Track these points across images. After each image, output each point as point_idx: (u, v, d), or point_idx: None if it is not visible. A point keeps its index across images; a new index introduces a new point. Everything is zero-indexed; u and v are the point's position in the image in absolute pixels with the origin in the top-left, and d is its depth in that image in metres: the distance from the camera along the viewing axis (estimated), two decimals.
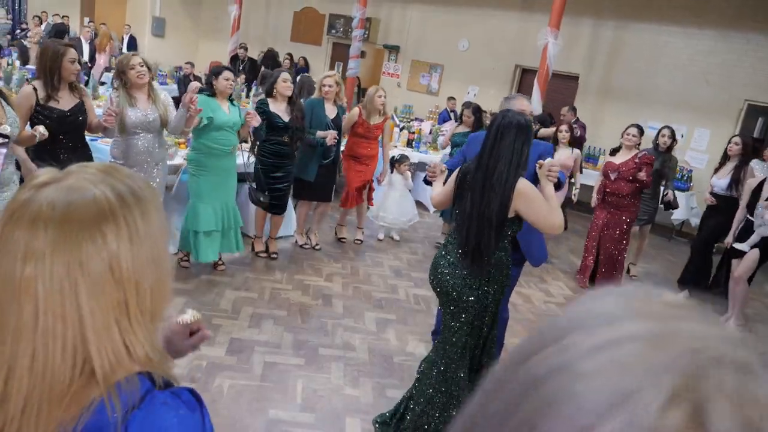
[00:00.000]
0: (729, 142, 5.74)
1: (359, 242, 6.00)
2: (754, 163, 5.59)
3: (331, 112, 5.18)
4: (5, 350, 0.72)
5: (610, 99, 9.40)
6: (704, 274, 5.98)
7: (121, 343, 0.76)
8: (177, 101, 7.28)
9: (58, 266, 0.72)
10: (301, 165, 5.16)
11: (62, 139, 3.73)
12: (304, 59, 12.96)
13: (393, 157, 6.19)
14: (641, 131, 5.61)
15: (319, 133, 4.99)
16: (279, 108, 4.75)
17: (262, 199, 4.77)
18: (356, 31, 11.20)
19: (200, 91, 4.34)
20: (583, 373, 0.36)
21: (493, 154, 2.62)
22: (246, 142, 5.27)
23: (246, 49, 12.46)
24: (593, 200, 5.83)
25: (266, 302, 4.39)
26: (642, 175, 5.31)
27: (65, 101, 3.73)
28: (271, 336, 3.88)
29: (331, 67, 13.48)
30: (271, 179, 4.87)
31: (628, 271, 6.38)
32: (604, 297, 0.43)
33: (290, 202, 6.01)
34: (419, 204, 7.12)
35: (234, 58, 12.39)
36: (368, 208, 6.06)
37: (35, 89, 3.65)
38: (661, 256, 7.46)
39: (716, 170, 5.84)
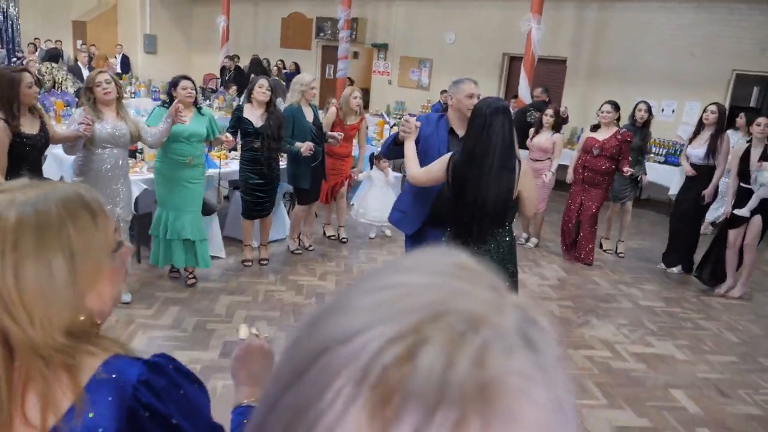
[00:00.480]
0: (705, 111, 5.73)
1: (345, 240, 6.04)
2: (730, 133, 5.61)
3: (309, 114, 5.21)
4: None
5: (599, 80, 9.41)
6: (693, 246, 5.94)
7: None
8: None
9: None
10: (294, 174, 5.18)
11: (25, 162, 3.62)
12: (296, 64, 13.05)
13: (372, 153, 6.22)
14: (617, 107, 5.70)
15: (297, 144, 4.93)
16: (254, 114, 4.75)
17: (213, 206, 4.88)
18: (342, 32, 11.28)
19: (162, 104, 4.37)
20: (348, 308, 0.39)
21: (491, 141, 2.74)
22: (236, 149, 5.37)
23: (233, 59, 12.57)
24: (569, 176, 5.94)
25: (260, 304, 4.47)
26: (626, 169, 5.62)
27: (29, 125, 3.66)
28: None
29: (322, 70, 13.58)
30: (250, 186, 4.90)
31: (617, 249, 6.42)
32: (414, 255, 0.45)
33: (283, 208, 6.10)
34: None
35: (222, 70, 12.54)
36: (350, 204, 6.12)
37: (5, 121, 3.52)
38: (657, 232, 7.44)
39: (690, 140, 5.83)
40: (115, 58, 14.04)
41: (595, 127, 5.85)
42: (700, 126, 5.73)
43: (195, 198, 4.50)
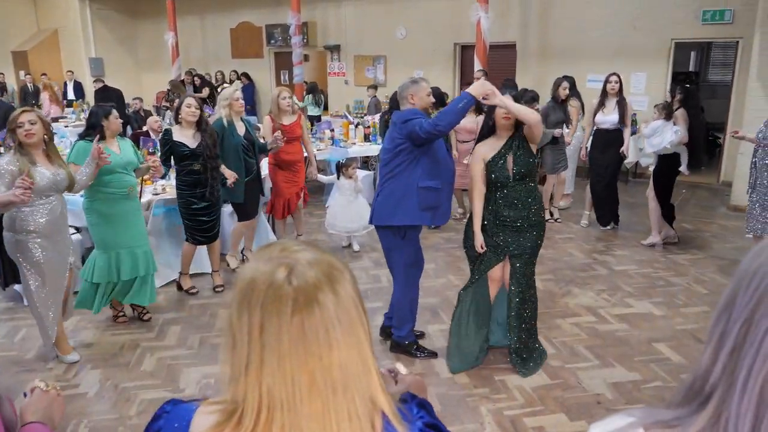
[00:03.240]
0: (608, 81, 6.22)
1: None
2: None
3: (240, 129, 5.02)
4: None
5: (550, 60, 9.74)
6: (617, 201, 6.60)
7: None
8: (134, 139, 7.37)
9: (345, 324, 0.87)
10: (227, 190, 4.96)
11: None
12: (246, 75, 13.07)
13: (339, 161, 6.11)
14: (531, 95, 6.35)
15: (223, 170, 4.78)
16: (185, 135, 4.53)
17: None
18: (295, 37, 11.36)
19: (83, 136, 4.07)
20: None
21: None
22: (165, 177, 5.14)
23: (191, 73, 12.54)
24: None
25: None
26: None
27: None
28: None
29: (277, 77, 13.61)
30: (192, 212, 4.67)
31: (552, 214, 6.89)
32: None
33: (264, 219, 6.20)
34: None
35: (180, 85, 12.44)
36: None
37: None
38: (623, 200, 7.78)
39: (597, 110, 6.28)
40: (66, 84, 13.83)
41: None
42: (605, 95, 6.24)
43: (143, 230, 4.30)
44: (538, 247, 3.65)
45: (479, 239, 3.52)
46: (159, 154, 4.65)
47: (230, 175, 4.78)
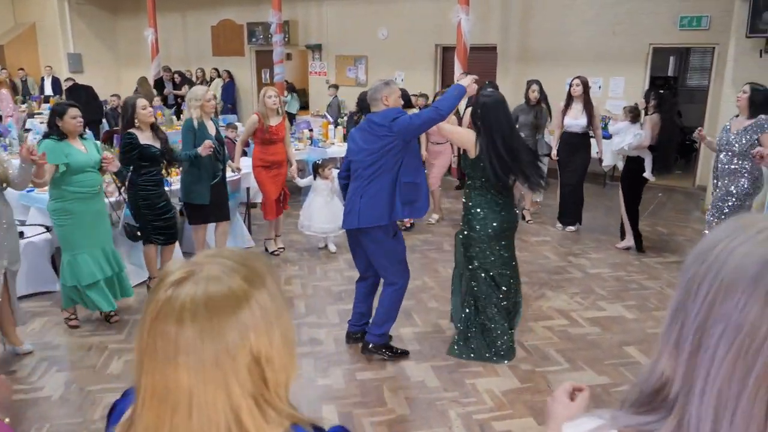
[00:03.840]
0: (571, 85, 6.30)
1: (279, 251, 5.91)
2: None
3: (211, 129, 4.98)
4: None
5: (530, 63, 9.80)
6: (582, 203, 6.73)
7: (269, 410, 0.81)
8: (109, 137, 7.23)
9: (208, 356, 0.77)
10: (189, 190, 4.93)
11: None
12: (228, 72, 12.98)
13: (315, 162, 6.08)
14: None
15: (198, 149, 4.72)
16: (146, 137, 4.49)
17: (138, 233, 4.66)
18: (276, 36, 11.29)
19: (46, 135, 4.01)
20: None
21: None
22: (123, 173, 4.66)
23: (170, 70, 12.40)
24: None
25: None
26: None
27: None
28: None
29: (258, 75, 13.52)
30: (158, 210, 4.63)
31: (524, 217, 6.99)
32: None
33: (240, 218, 6.15)
34: None
35: (159, 82, 12.33)
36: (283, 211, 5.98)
37: None
38: (600, 203, 7.90)
39: (564, 113, 6.38)
40: (43, 80, 13.62)
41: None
42: (570, 99, 6.31)
43: (109, 229, 4.30)
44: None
45: None
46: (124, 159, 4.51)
47: (205, 146, 4.65)
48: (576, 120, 6.28)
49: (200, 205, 4.97)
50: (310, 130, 8.18)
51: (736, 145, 4.69)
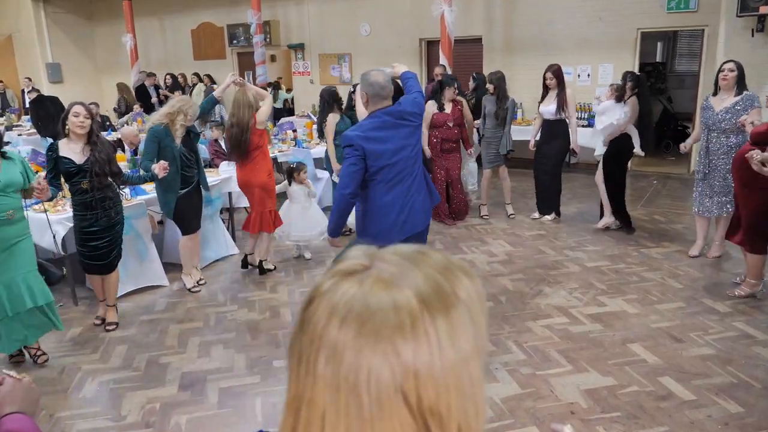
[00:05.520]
0: (545, 79, 6.27)
1: (269, 270, 5.40)
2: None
3: (178, 138, 4.64)
4: None
5: (516, 53, 9.59)
6: (560, 191, 6.67)
7: None
8: None
9: (347, 378, 0.57)
10: (163, 201, 4.70)
11: None
12: (209, 76, 12.70)
13: (290, 165, 5.70)
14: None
15: (154, 167, 4.31)
16: (73, 149, 3.95)
17: (55, 274, 4.05)
18: (256, 36, 11.05)
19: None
20: None
21: None
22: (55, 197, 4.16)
23: (151, 76, 12.09)
24: (427, 152, 6.41)
25: (213, 328, 4.31)
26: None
27: None
28: (222, 362, 3.81)
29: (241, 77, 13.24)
30: (84, 235, 4.08)
31: (508, 212, 6.86)
32: None
33: (221, 224, 5.90)
34: None
35: (140, 89, 12.01)
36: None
37: None
38: (590, 194, 7.69)
39: (540, 102, 6.37)
40: (23, 92, 13.32)
41: (441, 107, 6.42)
42: (546, 89, 6.28)
43: (29, 256, 3.67)
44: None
45: None
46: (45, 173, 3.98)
47: (160, 166, 4.25)
48: (547, 107, 6.26)
49: (178, 213, 4.71)
50: (294, 131, 7.94)
51: (726, 123, 4.78)
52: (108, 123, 10.10)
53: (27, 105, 13.14)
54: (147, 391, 3.49)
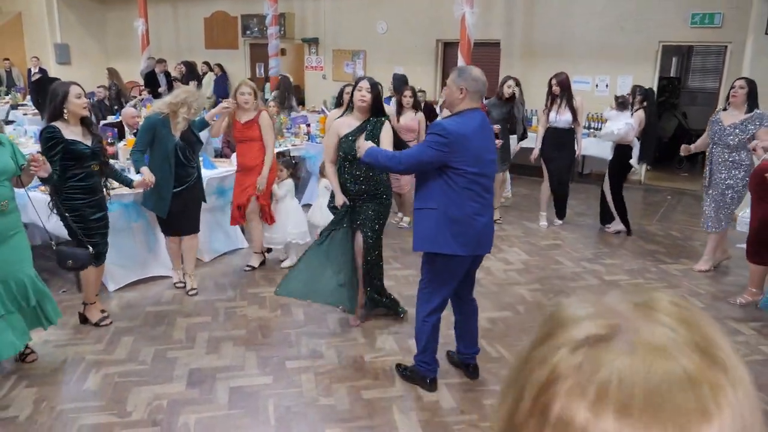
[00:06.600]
0: (550, 86, 6.24)
1: (250, 268, 5.14)
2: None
3: (177, 132, 4.35)
4: None
5: (534, 59, 9.46)
6: (565, 201, 6.67)
7: None
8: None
9: None
10: (149, 198, 4.39)
11: None
12: (219, 66, 12.55)
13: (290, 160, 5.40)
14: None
15: (144, 171, 4.20)
16: (75, 132, 3.72)
17: (83, 254, 3.70)
18: (271, 28, 10.91)
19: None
20: None
21: None
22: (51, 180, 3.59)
23: (162, 63, 11.93)
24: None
25: (222, 324, 4.16)
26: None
27: None
28: (232, 359, 3.66)
29: (252, 69, 13.11)
30: (93, 223, 3.85)
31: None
32: None
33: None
34: None
35: (150, 75, 11.85)
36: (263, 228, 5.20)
37: None
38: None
39: (547, 110, 6.32)
40: (30, 71, 13.19)
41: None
42: (552, 97, 6.26)
43: (24, 251, 3.42)
44: (380, 217, 3.93)
45: (340, 198, 3.81)
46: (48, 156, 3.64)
47: (146, 181, 4.09)
48: (563, 116, 6.21)
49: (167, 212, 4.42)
50: (308, 125, 7.80)
51: (733, 139, 4.86)
52: (116, 108, 9.94)
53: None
54: (154, 386, 3.35)
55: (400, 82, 6.94)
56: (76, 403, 3.18)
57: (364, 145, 3.39)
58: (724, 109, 5.08)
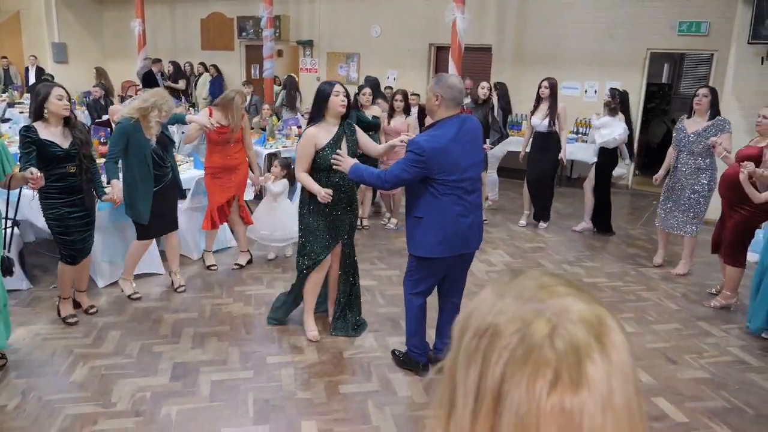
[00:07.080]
0: (540, 87, 6.40)
1: (238, 267, 5.23)
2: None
3: (153, 137, 4.32)
4: None
5: (525, 65, 9.60)
6: (551, 200, 6.90)
7: None
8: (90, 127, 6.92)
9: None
10: (129, 202, 4.29)
11: None
12: (215, 66, 12.67)
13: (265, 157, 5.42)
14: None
15: (113, 185, 4.15)
16: (53, 133, 3.74)
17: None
18: (266, 30, 11.03)
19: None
20: None
21: None
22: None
23: (158, 62, 12.04)
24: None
25: (207, 320, 4.28)
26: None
27: None
28: (215, 354, 3.78)
29: (248, 71, 13.23)
30: (69, 225, 3.87)
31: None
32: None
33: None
34: None
35: (148, 75, 11.96)
36: (246, 227, 5.29)
37: None
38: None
39: (532, 113, 6.52)
40: (27, 69, 13.27)
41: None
42: (539, 100, 6.42)
43: None
44: (354, 225, 3.99)
45: (321, 190, 3.58)
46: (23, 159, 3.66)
47: (114, 198, 4.11)
48: (541, 120, 6.37)
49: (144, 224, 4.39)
50: (299, 127, 7.92)
51: (697, 145, 5.04)
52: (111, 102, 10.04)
53: (29, 83, 13.10)
54: (138, 379, 3.46)
55: (375, 85, 7.08)
56: (62, 394, 3.29)
57: (347, 161, 3.48)
58: (688, 117, 5.25)
